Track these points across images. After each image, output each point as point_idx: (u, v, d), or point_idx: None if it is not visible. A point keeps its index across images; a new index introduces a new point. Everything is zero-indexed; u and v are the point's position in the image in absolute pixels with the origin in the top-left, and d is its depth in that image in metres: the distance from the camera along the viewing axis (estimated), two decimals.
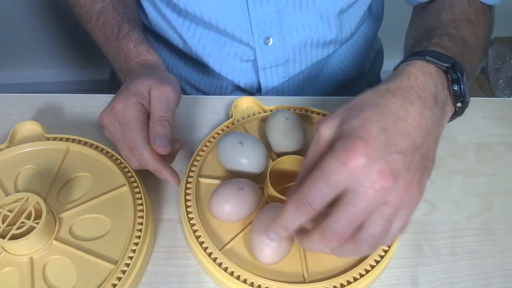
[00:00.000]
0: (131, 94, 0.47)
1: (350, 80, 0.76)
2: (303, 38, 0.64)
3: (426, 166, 0.35)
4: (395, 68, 0.40)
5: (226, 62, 0.66)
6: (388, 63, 0.71)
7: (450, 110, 0.40)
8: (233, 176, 0.50)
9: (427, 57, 0.39)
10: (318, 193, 0.33)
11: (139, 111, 0.46)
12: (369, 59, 0.79)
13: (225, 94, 0.73)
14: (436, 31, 0.46)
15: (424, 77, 0.37)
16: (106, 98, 0.61)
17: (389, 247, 0.45)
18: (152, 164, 0.45)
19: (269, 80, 0.67)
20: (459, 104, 0.40)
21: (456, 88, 0.39)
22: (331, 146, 0.34)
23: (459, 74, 0.39)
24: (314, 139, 0.36)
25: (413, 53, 0.40)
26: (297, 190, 0.34)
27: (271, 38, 0.62)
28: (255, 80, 0.68)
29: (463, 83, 0.39)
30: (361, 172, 0.32)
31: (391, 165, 0.32)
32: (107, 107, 0.48)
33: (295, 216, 0.34)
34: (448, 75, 0.39)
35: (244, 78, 0.68)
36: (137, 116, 0.46)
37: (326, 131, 0.35)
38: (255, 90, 0.70)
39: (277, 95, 0.71)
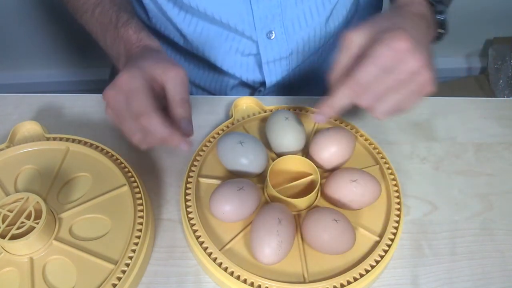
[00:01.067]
0: (137, 68, 0.45)
1: None
2: (305, 32, 0.64)
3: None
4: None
5: (228, 57, 0.66)
6: None
7: (433, 33, 0.51)
8: (233, 176, 0.50)
9: None
10: (370, 74, 0.41)
11: (146, 81, 0.44)
12: None
13: (226, 90, 0.73)
14: None
15: (420, 6, 0.49)
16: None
17: (389, 246, 0.45)
18: (162, 130, 0.43)
19: (272, 74, 0.67)
20: (442, 31, 0.52)
21: (440, 17, 0.51)
22: (363, 50, 0.42)
23: (445, 7, 0.52)
24: (343, 47, 0.44)
25: None
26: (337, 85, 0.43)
27: (273, 32, 0.63)
28: (258, 74, 0.68)
29: (446, 15, 0.51)
30: (405, 56, 0.41)
31: (423, 53, 0.42)
32: (111, 83, 0.45)
33: (345, 96, 0.43)
34: (434, 7, 0.51)
35: (246, 73, 0.68)
36: (144, 84, 0.44)
37: (358, 37, 0.43)
38: (258, 85, 0.71)
39: (281, 89, 0.71)
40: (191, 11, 0.63)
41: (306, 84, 0.73)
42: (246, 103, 0.59)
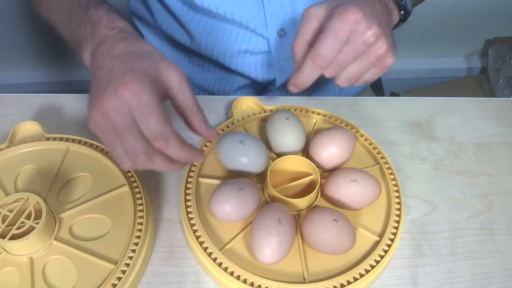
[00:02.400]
0: (142, 75, 0.39)
1: None
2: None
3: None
4: None
5: (238, 55, 0.66)
6: None
7: (396, 17, 0.54)
8: (233, 176, 0.50)
9: None
10: (329, 47, 0.45)
11: (157, 94, 0.39)
12: None
13: (231, 91, 0.72)
14: None
15: None
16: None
17: (389, 246, 0.45)
18: (182, 153, 0.39)
19: (284, 72, 0.68)
20: (402, 12, 0.54)
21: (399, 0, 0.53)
22: (322, 23, 0.47)
23: None
24: (303, 21, 0.48)
25: None
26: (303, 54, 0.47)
27: (285, 30, 0.63)
28: (267, 73, 0.68)
29: None
30: (358, 26, 0.45)
31: (375, 24, 0.45)
32: (110, 88, 0.38)
33: (312, 69, 0.46)
34: None
35: (255, 71, 0.68)
36: (157, 99, 0.38)
37: (317, 11, 0.47)
38: (267, 83, 0.70)
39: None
40: (201, 11, 0.63)
41: (317, 82, 0.73)
42: (246, 103, 0.59)
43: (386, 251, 0.45)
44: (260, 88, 0.72)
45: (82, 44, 0.46)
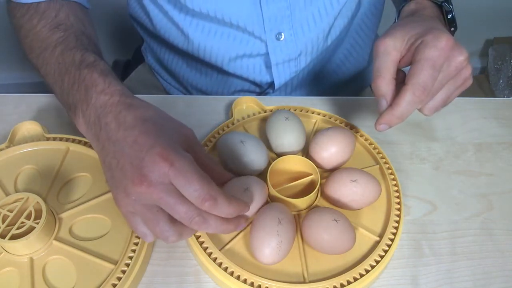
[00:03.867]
0: (172, 142, 0.38)
1: (353, 75, 0.77)
2: (314, 33, 0.64)
3: None
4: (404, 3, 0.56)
5: (236, 59, 0.66)
6: None
7: None
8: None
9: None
10: (430, 78, 0.43)
11: (189, 155, 0.39)
12: (370, 55, 0.80)
13: (228, 94, 0.73)
14: None
15: (432, 9, 0.54)
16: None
17: (389, 246, 0.45)
18: (229, 206, 0.38)
19: (282, 75, 0.68)
20: (452, 29, 0.56)
21: (450, 16, 0.55)
22: (402, 55, 0.46)
23: (451, 6, 0.55)
24: (382, 54, 0.46)
25: None
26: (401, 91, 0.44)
27: (282, 34, 0.63)
28: (265, 76, 0.68)
29: (453, 12, 0.55)
30: (452, 52, 0.45)
31: (463, 48, 0.46)
32: (143, 168, 0.37)
33: (411, 102, 0.44)
34: (443, 8, 0.55)
35: (253, 74, 0.68)
36: (193, 161, 0.38)
37: (396, 43, 0.46)
38: (266, 86, 0.70)
39: (289, 89, 0.71)
40: (199, 15, 0.63)
41: (311, 84, 0.73)
42: (246, 103, 0.59)
43: (386, 251, 0.45)
44: (258, 91, 0.72)
45: (76, 109, 0.45)
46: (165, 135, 0.39)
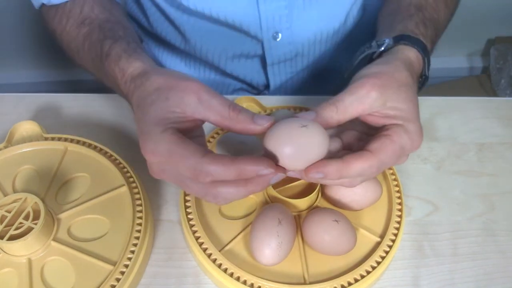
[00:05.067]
0: (151, 129, 0.38)
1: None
2: (312, 33, 0.63)
3: None
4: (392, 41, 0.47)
5: (233, 59, 0.66)
6: None
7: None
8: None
9: (416, 47, 0.46)
10: (392, 162, 0.40)
11: (174, 134, 0.37)
12: None
13: (227, 94, 0.72)
14: (425, 13, 0.51)
15: (418, 62, 0.47)
16: (105, 98, 0.61)
17: (390, 247, 0.45)
18: (230, 169, 0.35)
19: (277, 76, 0.67)
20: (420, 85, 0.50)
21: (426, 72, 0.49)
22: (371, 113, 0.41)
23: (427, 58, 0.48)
24: (357, 94, 0.40)
25: (405, 36, 0.47)
26: (370, 155, 0.38)
27: (279, 34, 0.62)
28: (262, 77, 0.68)
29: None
30: (417, 146, 0.41)
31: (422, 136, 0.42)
32: (148, 162, 0.38)
33: (363, 172, 0.39)
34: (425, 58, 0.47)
35: (250, 75, 0.68)
36: (174, 141, 0.36)
37: (377, 100, 0.40)
38: (262, 87, 0.70)
39: (284, 91, 0.70)
40: (195, 13, 0.62)
41: (311, 88, 0.73)
42: (246, 103, 0.58)
43: (387, 252, 0.44)
44: (255, 92, 0.72)
45: (119, 92, 0.47)
46: (150, 120, 0.38)
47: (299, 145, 0.36)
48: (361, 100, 0.40)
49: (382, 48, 0.47)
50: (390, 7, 0.56)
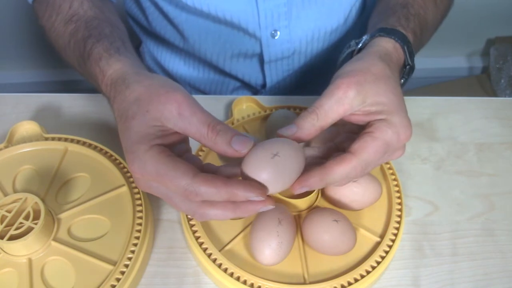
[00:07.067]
0: (136, 148, 0.37)
1: None
2: (310, 31, 0.63)
3: None
4: (376, 33, 0.47)
5: (231, 58, 0.66)
6: None
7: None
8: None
9: (393, 37, 0.46)
10: (377, 159, 0.39)
11: (160, 150, 0.36)
12: None
13: (226, 93, 0.72)
14: (409, 9, 0.51)
15: (396, 51, 0.46)
16: (104, 98, 0.61)
17: (390, 247, 0.45)
18: (220, 190, 0.34)
19: (273, 73, 0.67)
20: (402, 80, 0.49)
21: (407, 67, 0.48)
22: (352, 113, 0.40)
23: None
24: (335, 96, 0.39)
25: (382, 29, 0.47)
26: (356, 154, 0.38)
27: (278, 32, 0.62)
28: (260, 76, 0.68)
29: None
30: (405, 142, 0.40)
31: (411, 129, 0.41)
32: (135, 177, 0.38)
33: (347, 176, 0.38)
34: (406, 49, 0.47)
35: (248, 74, 0.68)
36: (161, 159, 0.36)
37: (356, 98, 0.39)
38: (260, 86, 0.70)
39: (281, 90, 0.70)
40: (194, 11, 0.62)
41: (307, 85, 0.73)
42: (246, 103, 0.59)
43: (387, 252, 0.44)
44: (254, 91, 0.72)
45: (101, 92, 0.46)
46: (134, 138, 0.37)
47: (274, 172, 0.36)
48: (340, 102, 0.39)
49: (360, 45, 0.47)
50: (378, 9, 0.56)
